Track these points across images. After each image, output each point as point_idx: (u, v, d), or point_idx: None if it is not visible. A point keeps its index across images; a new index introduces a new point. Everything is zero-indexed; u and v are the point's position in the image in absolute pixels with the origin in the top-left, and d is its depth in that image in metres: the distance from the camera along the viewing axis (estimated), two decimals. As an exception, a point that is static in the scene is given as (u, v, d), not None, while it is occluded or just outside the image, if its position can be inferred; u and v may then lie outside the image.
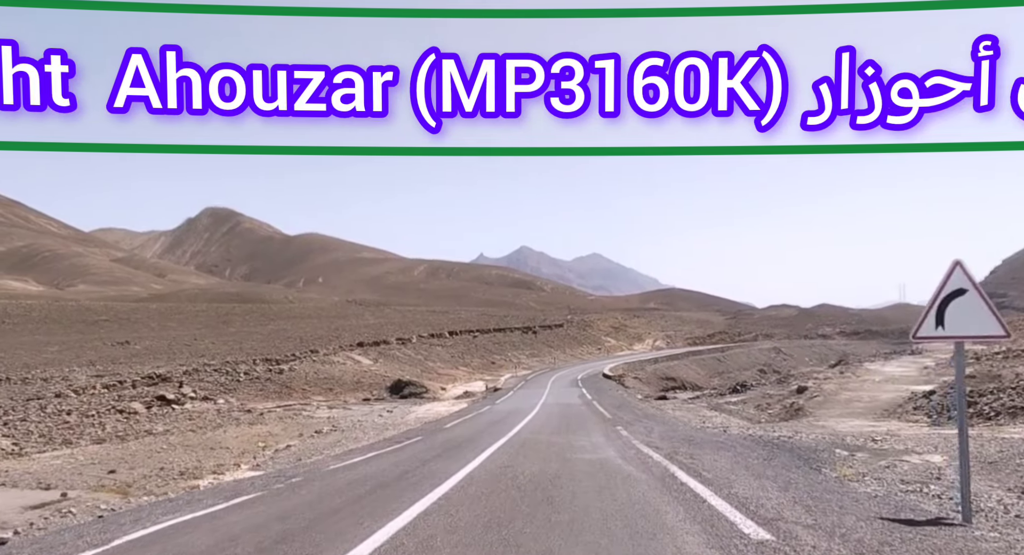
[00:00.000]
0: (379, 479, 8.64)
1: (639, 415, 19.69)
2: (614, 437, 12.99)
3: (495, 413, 21.53)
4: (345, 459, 11.45)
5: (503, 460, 9.80)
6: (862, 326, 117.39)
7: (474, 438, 13.42)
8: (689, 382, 53.56)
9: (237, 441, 15.10)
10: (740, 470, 8.31)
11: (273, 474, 10.95)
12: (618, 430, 14.50)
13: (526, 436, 13.42)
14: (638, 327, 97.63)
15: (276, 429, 17.58)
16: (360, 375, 40.52)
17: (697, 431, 14.77)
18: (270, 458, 13.45)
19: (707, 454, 9.89)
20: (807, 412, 16.41)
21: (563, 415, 19.56)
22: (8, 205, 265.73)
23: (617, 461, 9.53)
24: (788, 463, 8.74)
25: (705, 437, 12.61)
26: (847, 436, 11.76)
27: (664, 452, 10.26)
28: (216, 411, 20.81)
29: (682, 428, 15.43)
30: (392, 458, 11.16)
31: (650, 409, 22.36)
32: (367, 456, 11.68)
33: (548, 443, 11.99)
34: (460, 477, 8.35)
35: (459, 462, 9.74)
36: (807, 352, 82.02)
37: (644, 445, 11.29)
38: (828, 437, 11.67)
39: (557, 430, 14.68)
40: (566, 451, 10.73)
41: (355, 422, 21.11)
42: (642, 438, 12.50)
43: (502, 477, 8.26)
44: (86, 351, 35.70)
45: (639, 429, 14.84)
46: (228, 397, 32.31)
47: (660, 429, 14.71)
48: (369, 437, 16.87)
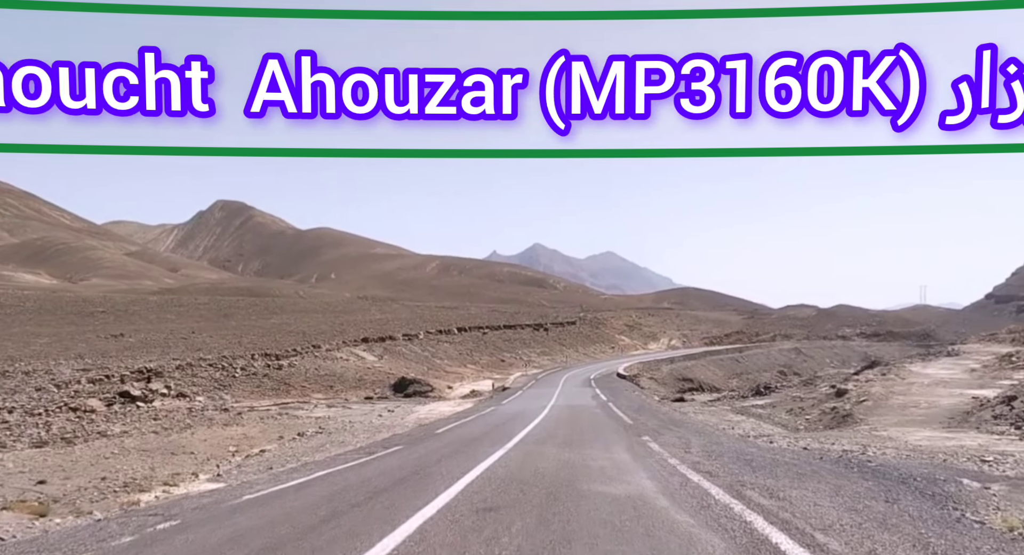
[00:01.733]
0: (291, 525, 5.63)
1: (664, 420, 17.14)
2: (643, 453, 10.25)
3: (498, 416, 19.18)
4: (308, 472, 9.48)
5: (485, 495, 6.65)
6: (883, 327, 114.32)
7: (462, 450, 10.96)
8: (707, 383, 51.44)
9: (205, 445, 13.36)
10: (864, 523, 5.13)
11: (234, 487, 9.16)
12: (645, 441, 11.81)
13: (528, 449, 10.93)
14: (653, 326, 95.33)
15: (254, 431, 15.80)
16: (363, 372, 38.81)
17: (745, 443, 11.93)
18: (237, 466, 11.66)
19: (787, 486, 6.80)
20: (857, 419, 14.34)
21: (575, 419, 17.18)
22: (23, 197, 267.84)
23: (659, 501, 6.24)
24: (919, 506, 5.68)
25: (760, 453, 9.91)
26: (938, 453, 9.48)
27: (723, 482, 7.12)
28: (188, 409, 19.01)
29: (724, 440, 12.54)
30: (335, 484, 8.01)
31: (674, 414, 19.87)
32: (321, 473, 9.31)
33: (555, 462, 9.15)
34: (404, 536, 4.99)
35: (421, 496, 6.56)
36: (828, 353, 79.49)
37: (689, 468, 8.28)
38: (914, 455, 9.43)
39: (568, 440, 12.12)
40: (579, 477, 7.74)
41: (347, 423, 19.32)
42: (680, 454, 9.80)
43: (471, 540, 4.83)
44: (77, 343, 34.28)
45: (671, 440, 12.17)
46: (221, 394, 30.71)
47: (697, 440, 12.02)
48: (359, 440, 15.07)
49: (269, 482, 9.16)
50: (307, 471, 9.80)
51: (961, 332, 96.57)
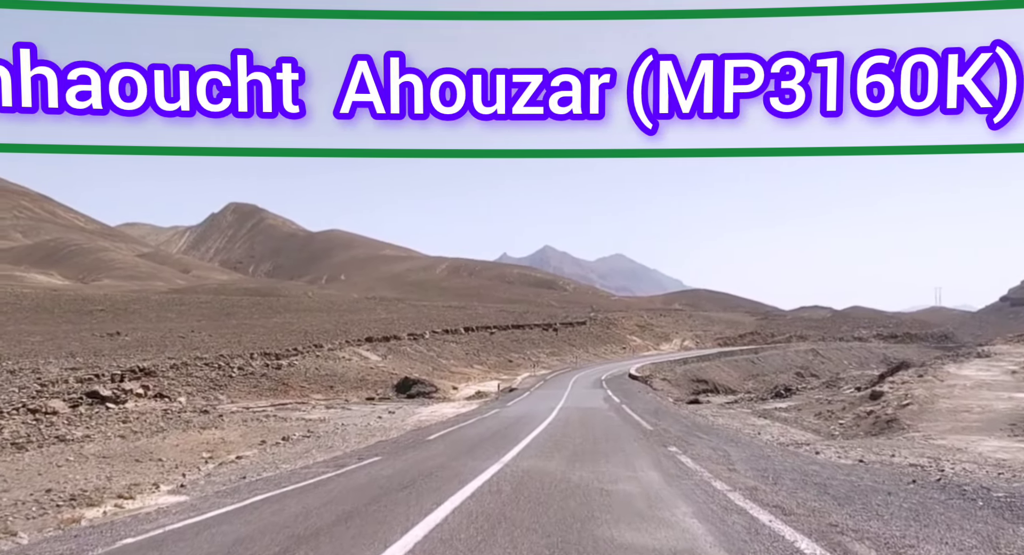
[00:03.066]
0: None
1: (688, 426, 15.26)
2: (675, 471, 8.16)
3: (501, 419, 17.46)
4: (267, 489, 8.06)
5: (457, 548, 4.64)
6: (900, 329, 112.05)
7: (448, 465, 8.99)
8: (722, 385, 49.90)
9: (176, 451, 12.10)
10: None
11: (195, 502, 7.89)
12: (673, 454, 9.78)
13: (529, 464, 8.69)
14: (665, 326, 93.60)
15: (234, 435, 14.52)
16: (366, 372, 37.60)
17: (798, 458, 9.63)
18: (206, 475, 10.37)
19: (911, 535, 4.81)
20: (903, 424, 12.80)
21: (587, 424, 15.31)
22: (37, 200, 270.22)
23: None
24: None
25: (827, 473, 7.81)
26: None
27: (807, 525, 5.10)
28: (164, 411, 17.70)
29: (771, 453, 10.25)
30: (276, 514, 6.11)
31: (696, 417, 18.20)
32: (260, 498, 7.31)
33: (563, 486, 7.09)
34: None
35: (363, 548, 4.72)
36: (846, 355, 77.57)
37: (746, 498, 6.28)
38: (1008, 473, 7.87)
39: (579, 452, 10.10)
40: (597, 512, 5.71)
41: (341, 426, 18.02)
42: (725, 474, 7.73)
43: None
44: (70, 342, 33.31)
45: (704, 451, 10.13)
46: (216, 394, 29.62)
47: (738, 453, 9.98)
48: (348, 444, 13.77)
49: (231, 497, 7.86)
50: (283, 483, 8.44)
51: (977, 334, 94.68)
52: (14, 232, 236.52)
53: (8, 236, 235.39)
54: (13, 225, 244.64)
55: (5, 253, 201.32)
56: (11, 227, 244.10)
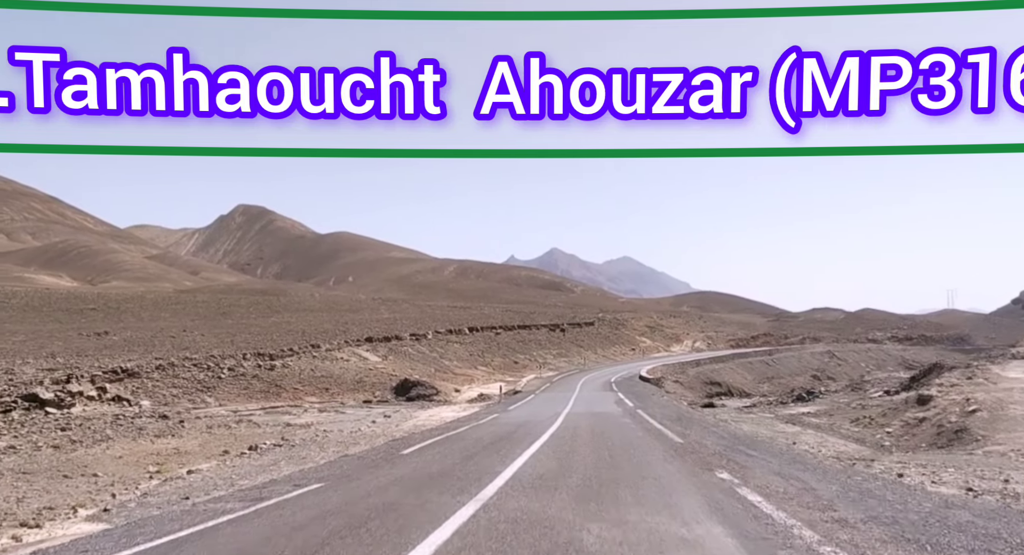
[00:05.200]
0: None
1: (724, 437, 12.75)
2: (747, 522, 5.54)
3: (498, 427, 15.46)
4: (201, 519, 6.36)
5: None
6: (915, 331, 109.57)
7: (399, 504, 6.62)
8: (736, 387, 47.99)
9: (119, 463, 10.46)
10: None
11: (117, 531, 6.33)
12: (729, 484, 7.33)
13: (515, 507, 6.23)
14: (675, 327, 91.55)
15: (193, 444, 12.84)
16: (364, 373, 36.00)
17: (904, 489, 7.33)
18: (142, 495, 8.70)
19: None
20: (975, 435, 10.90)
21: (600, 435, 12.95)
22: (47, 201, 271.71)
23: None
24: None
25: (976, 520, 5.71)
26: None
27: None
28: (116, 416, 15.92)
29: (867, 483, 7.69)
30: None
31: (727, 425, 16.04)
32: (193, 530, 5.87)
33: None
34: None
35: None
36: (863, 357, 75.35)
37: None
38: None
39: (591, 481, 7.63)
40: None
41: (324, 432, 16.36)
42: (833, 530, 5.25)
43: None
44: (54, 341, 31.90)
45: (770, 480, 7.60)
46: (204, 396, 28.10)
47: (819, 483, 7.55)
48: (326, 455, 12.11)
49: (154, 530, 6.20)
50: (207, 516, 6.72)
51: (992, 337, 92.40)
52: (24, 234, 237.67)
53: (18, 238, 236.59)
54: (23, 227, 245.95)
55: (14, 254, 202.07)
56: (21, 229, 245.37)
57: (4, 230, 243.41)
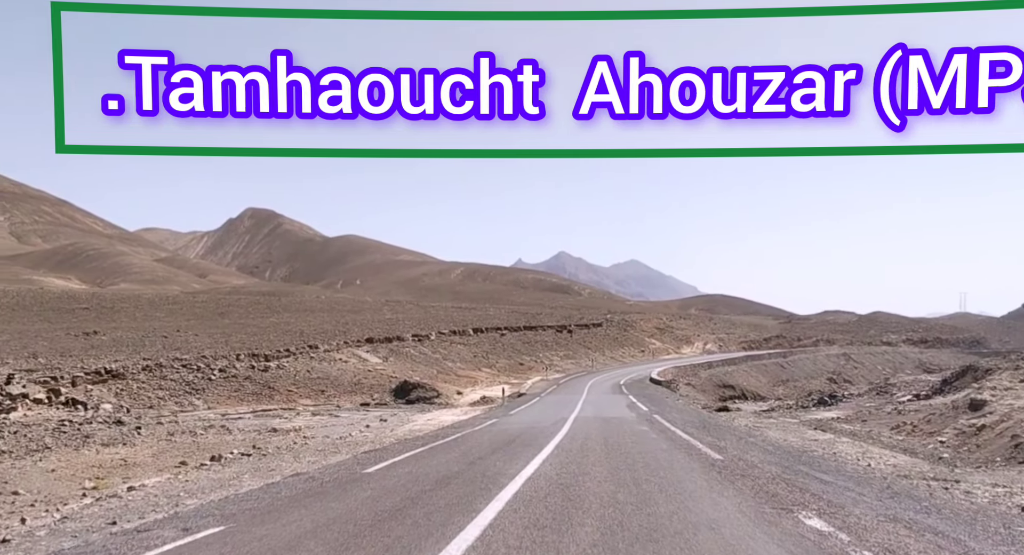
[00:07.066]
0: None
1: (772, 451, 10.75)
2: None
3: (495, 434, 13.70)
4: None
5: None
6: (930, 334, 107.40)
7: None
8: (750, 390, 46.37)
9: (50, 477, 9.07)
10: None
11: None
12: (826, 536, 5.08)
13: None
14: (685, 329, 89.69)
15: (146, 453, 11.41)
16: (362, 375, 34.59)
17: None
18: (60, 520, 7.28)
19: None
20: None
21: (614, 446, 11.03)
22: (57, 204, 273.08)
23: None
24: None
25: None
26: None
27: None
28: (61, 422, 14.40)
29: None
30: None
31: (766, 433, 14.01)
32: None
33: None
34: None
35: None
36: (879, 360, 73.39)
37: None
38: None
39: (610, 528, 5.33)
40: None
41: (305, 439, 14.91)
42: None
43: None
44: (38, 341, 30.69)
45: (881, 525, 5.48)
46: (192, 399, 26.77)
47: (978, 545, 5.07)
48: (300, 465, 10.74)
49: None
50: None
51: (1006, 340, 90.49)
52: (34, 236, 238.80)
53: (28, 240, 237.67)
54: (33, 230, 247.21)
55: (24, 257, 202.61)
56: (31, 231, 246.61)
57: (14, 233, 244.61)
